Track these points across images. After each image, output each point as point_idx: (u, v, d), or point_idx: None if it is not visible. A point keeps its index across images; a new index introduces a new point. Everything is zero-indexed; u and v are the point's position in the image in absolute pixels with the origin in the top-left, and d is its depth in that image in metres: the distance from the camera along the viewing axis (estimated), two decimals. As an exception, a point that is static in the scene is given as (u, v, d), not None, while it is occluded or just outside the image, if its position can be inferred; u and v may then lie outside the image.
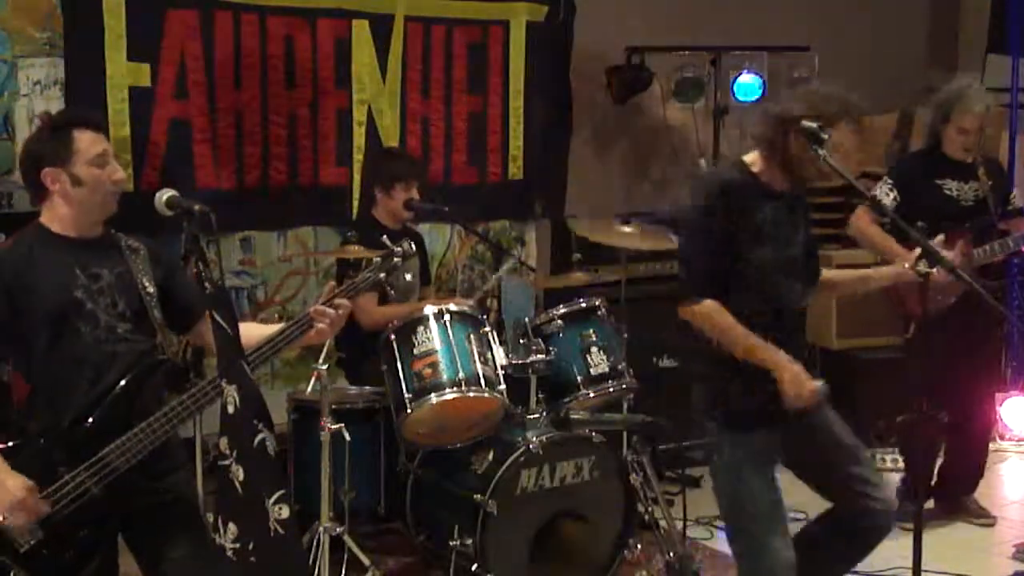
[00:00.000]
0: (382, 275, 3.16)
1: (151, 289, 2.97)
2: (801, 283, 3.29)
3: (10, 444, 2.80)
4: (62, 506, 2.78)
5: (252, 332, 3.02)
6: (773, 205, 3.19)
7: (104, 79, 4.82)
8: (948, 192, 4.65)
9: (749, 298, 3.16)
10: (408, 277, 4.50)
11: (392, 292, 4.60)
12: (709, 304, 3.11)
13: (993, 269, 4.81)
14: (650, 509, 4.25)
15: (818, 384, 3.12)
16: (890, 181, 4.68)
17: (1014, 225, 4.74)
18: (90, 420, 2.83)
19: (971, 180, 4.66)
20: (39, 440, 2.82)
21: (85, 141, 2.90)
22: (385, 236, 3.45)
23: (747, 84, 6.20)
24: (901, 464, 5.38)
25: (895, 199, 4.61)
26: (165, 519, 2.94)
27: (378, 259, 3.17)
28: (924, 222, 4.16)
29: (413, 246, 3.34)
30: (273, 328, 3.03)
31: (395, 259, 3.17)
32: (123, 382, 2.86)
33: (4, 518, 2.74)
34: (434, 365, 4.06)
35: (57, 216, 2.94)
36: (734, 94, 6.20)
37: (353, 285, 3.11)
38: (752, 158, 3.23)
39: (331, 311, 3.00)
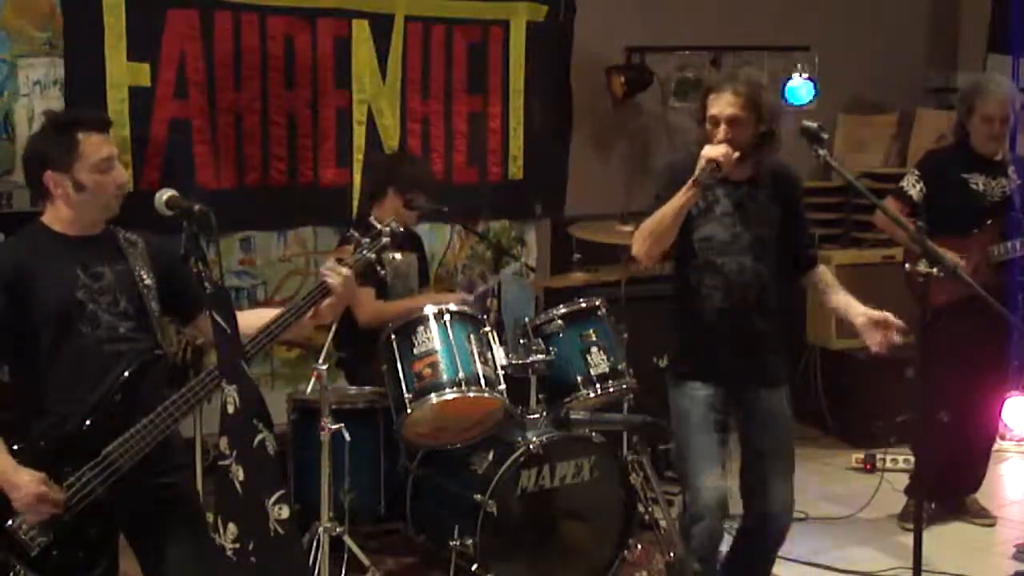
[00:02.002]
0: (372, 255, 3.16)
1: (148, 282, 2.97)
2: (758, 263, 3.51)
3: (14, 447, 2.80)
4: (70, 507, 2.78)
5: (262, 316, 3.05)
6: (724, 190, 3.50)
7: (104, 79, 4.82)
8: (974, 187, 4.64)
9: (697, 267, 3.52)
10: (398, 256, 4.48)
11: (390, 276, 4.57)
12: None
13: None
14: (650, 509, 4.26)
15: (719, 148, 3.35)
16: (917, 172, 4.70)
17: None
18: (91, 419, 2.83)
19: (999, 177, 4.66)
20: (42, 442, 2.82)
21: (90, 145, 2.89)
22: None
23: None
24: (901, 464, 5.38)
25: (922, 190, 4.62)
26: (168, 518, 2.95)
27: (367, 239, 3.18)
28: (949, 215, 4.18)
29: (401, 227, 3.34)
30: (280, 310, 3.05)
31: (383, 238, 3.18)
32: (124, 376, 2.86)
33: (21, 517, 2.74)
34: (434, 365, 4.06)
35: (59, 217, 2.93)
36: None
37: (345, 265, 3.12)
38: None
39: (343, 268, 3.01)
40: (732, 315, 3.51)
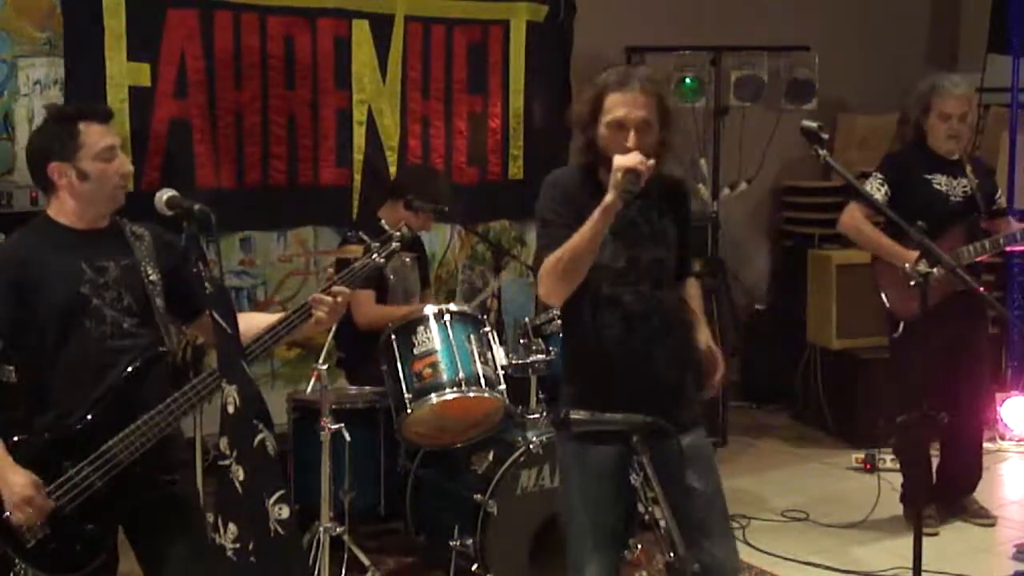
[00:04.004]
0: (381, 260, 3.15)
1: (154, 277, 2.97)
2: (658, 289, 3.02)
3: (15, 439, 2.80)
4: (67, 501, 2.79)
5: (254, 321, 3.03)
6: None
7: (104, 79, 4.83)
8: (938, 187, 4.63)
9: (592, 300, 2.99)
10: (407, 260, 4.48)
11: (392, 279, 4.58)
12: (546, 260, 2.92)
13: (982, 268, 4.77)
14: (650, 509, 4.23)
15: (634, 156, 2.79)
16: (880, 176, 4.65)
17: (998, 225, 4.74)
18: (92, 415, 2.84)
19: (960, 176, 4.66)
20: (43, 436, 2.83)
21: (92, 135, 2.89)
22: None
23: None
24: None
25: (887, 194, 4.58)
26: (167, 515, 2.95)
27: (376, 245, 3.18)
28: (915, 218, 4.16)
29: (409, 229, 3.34)
30: (274, 317, 3.03)
31: (393, 244, 3.17)
32: (127, 372, 2.87)
33: (10, 515, 2.74)
34: (434, 365, 4.06)
35: (64, 209, 2.93)
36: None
37: (352, 272, 3.11)
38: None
39: (329, 299, 2.99)
40: (635, 354, 2.97)
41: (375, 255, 3.14)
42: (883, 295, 4.72)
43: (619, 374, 2.99)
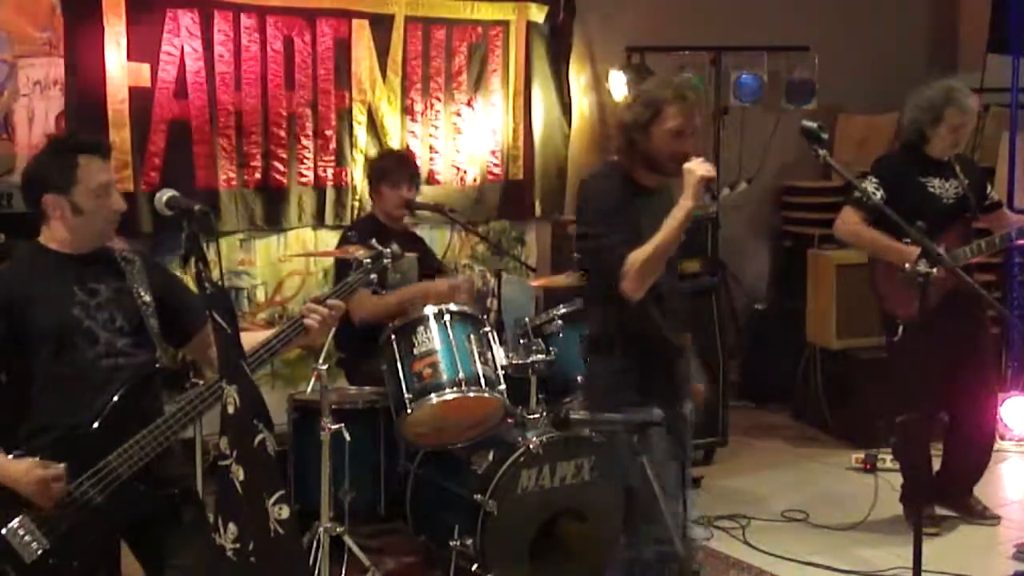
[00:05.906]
0: (373, 276, 3.20)
1: (147, 299, 2.99)
2: (673, 273, 3.50)
3: (11, 455, 2.80)
4: (66, 515, 2.79)
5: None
6: (641, 201, 3.36)
7: (104, 79, 4.83)
8: (932, 190, 4.63)
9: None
10: (398, 278, 4.51)
11: (390, 279, 4.60)
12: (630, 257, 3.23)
13: (974, 268, 4.75)
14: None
15: (707, 165, 3.22)
16: (875, 180, 4.64)
17: (995, 218, 4.75)
18: (91, 432, 2.84)
19: (951, 178, 4.66)
20: (40, 454, 2.82)
21: (90, 170, 2.91)
22: (374, 239, 3.51)
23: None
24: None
25: (882, 197, 4.57)
26: (169, 525, 2.95)
27: (368, 260, 3.21)
28: (911, 220, 4.17)
29: (399, 248, 3.39)
30: (262, 335, 3.06)
31: (384, 260, 3.21)
32: (123, 389, 2.88)
33: (15, 528, 2.75)
34: (434, 365, 4.06)
35: (55, 236, 2.96)
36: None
37: (346, 285, 3.15)
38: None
39: (322, 309, 3.02)
40: (670, 335, 3.42)
41: (365, 273, 3.18)
42: (882, 297, 4.71)
43: (657, 356, 3.39)
